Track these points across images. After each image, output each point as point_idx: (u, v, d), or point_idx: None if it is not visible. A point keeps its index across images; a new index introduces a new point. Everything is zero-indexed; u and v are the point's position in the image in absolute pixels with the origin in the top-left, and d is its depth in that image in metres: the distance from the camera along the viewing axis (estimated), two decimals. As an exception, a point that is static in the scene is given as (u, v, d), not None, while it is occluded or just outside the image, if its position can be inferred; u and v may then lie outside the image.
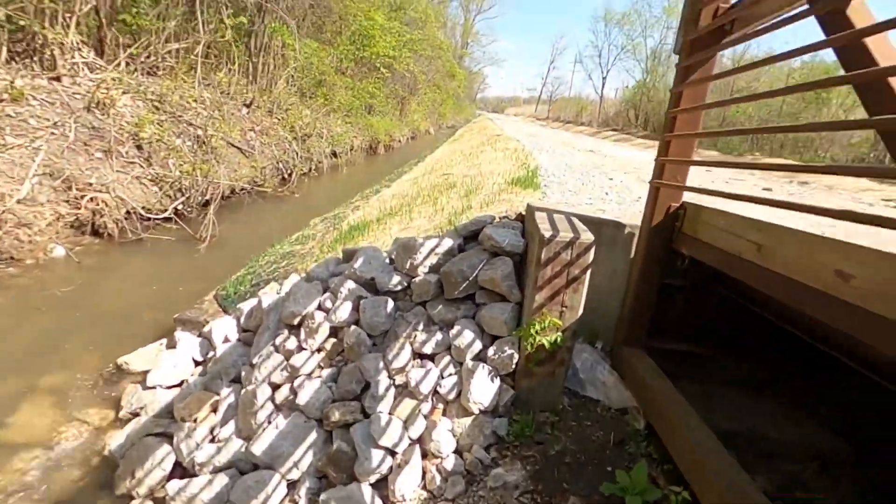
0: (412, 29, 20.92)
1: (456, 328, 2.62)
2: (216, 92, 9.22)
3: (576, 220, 2.69)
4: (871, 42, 1.38)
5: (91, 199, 5.59)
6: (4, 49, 6.40)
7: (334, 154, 12.97)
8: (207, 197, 7.18)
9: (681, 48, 2.39)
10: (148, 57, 8.57)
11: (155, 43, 8.64)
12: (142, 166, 6.54)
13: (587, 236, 2.36)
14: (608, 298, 2.97)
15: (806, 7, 1.51)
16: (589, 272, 2.37)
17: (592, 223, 2.83)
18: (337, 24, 15.85)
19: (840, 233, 2.08)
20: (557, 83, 64.24)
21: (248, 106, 10.41)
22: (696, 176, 5.55)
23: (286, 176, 10.07)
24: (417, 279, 2.85)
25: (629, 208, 3.66)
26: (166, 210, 6.35)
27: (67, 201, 5.45)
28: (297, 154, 10.80)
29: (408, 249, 2.92)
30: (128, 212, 5.91)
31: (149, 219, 6.13)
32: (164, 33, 8.74)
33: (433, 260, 2.90)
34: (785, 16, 1.65)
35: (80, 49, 7.23)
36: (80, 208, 5.49)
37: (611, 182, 5.15)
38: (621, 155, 10.35)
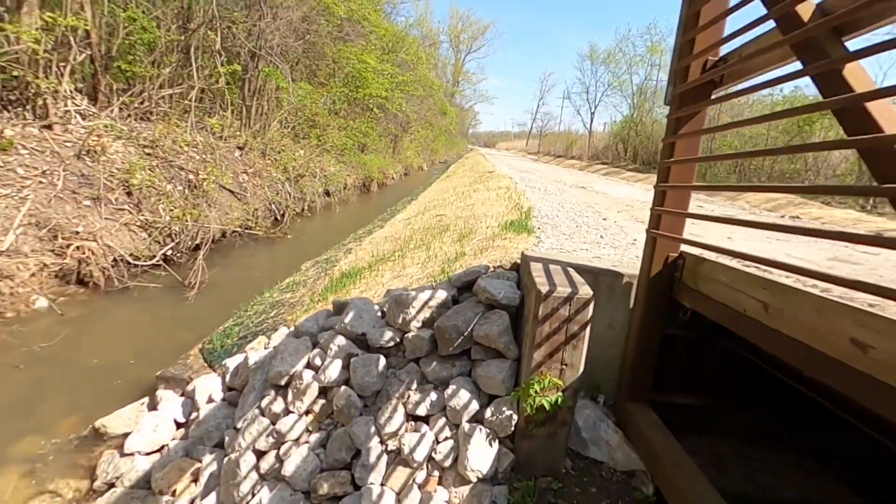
0: (404, 70, 21.42)
1: (451, 387, 2.50)
2: (209, 135, 9.25)
3: (572, 272, 2.62)
4: (848, 76, 1.35)
5: (77, 247, 5.48)
6: (-4, 99, 6.43)
7: (327, 193, 12.99)
8: (197, 241, 7.10)
9: (671, 100, 2.38)
10: (142, 102, 8.63)
11: (149, 89, 8.72)
12: (131, 212, 6.47)
13: (585, 291, 2.29)
14: (609, 349, 2.87)
15: (800, 67, 1.49)
16: (589, 328, 2.29)
17: (589, 272, 2.77)
18: (330, 67, 16.20)
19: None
20: (547, 118, 65.74)
21: (241, 149, 10.45)
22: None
23: (279, 217, 10.02)
24: (410, 335, 2.74)
25: (625, 253, 3.61)
26: (155, 256, 6.24)
27: (53, 251, 5.34)
28: (289, 195, 10.79)
29: (400, 303, 2.82)
30: (115, 259, 5.79)
31: (136, 266, 6.01)
32: (159, 79, 8.84)
33: (426, 314, 2.80)
34: (777, 75, 1.64)
35: (73, 97, 7.27)
36: (65, 257, 5.37)
37: (604, 222, 5.13)
38: (612, 191, 10.44)
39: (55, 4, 7.29)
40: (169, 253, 6.58)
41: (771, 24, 1.70)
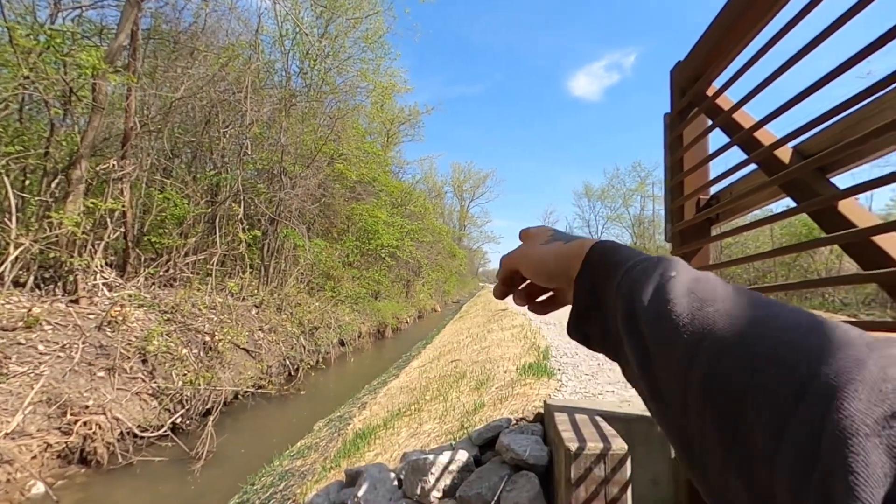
0: (413, 220, 22.90)
1: (481, 574, 2.15)
2: (228, 296, 9.58)
3: (601, 422, 2.41)
4: (845, 211, 1.35)
5: (84, 423, 5.30)
6: (31, 278, 6.83)
7: (342, 343, 12.95)
8: (208, 406, 6.88)
9: (671, 237, 2.43)
10: (167, 270, 9.13)
11: (175, 257, 9.30)
12: (144, 380, 6.39)
13: (619, 444, 2.08)
14: (656, 511, 2.52)
15: (794, 206, 1.53)
16: (630, 488, 2.03)
17: (620, 420, 2.55)
18: (344, 223, 17.41)
19: None
20: (553, 253, 67.83)
21: (258, 306, 10.73)
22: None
23: (292, 372, 9.85)
24: (431, 508, 2.45)
25: (654, 392, 3.39)
26: (163, 426, 5.99)
27: (59, 428, 5.16)
28: (304, 348, 10.75)
29: (417, 470, 2.58)
30: (121, 433, 5.56)
31: (143, 438, 5.75)
32: (185, 248, 9.47)
33: (447, 480, 2.54)
34: (771, 213, 1.67)
35: (102, 270, 7.71)
36: (71, 434, 5.17)
37: (627, 357, 4.92)
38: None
39: (98, 191, 8.17)
40: (178, 420, 6.33)
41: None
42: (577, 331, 0.48)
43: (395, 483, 2.78)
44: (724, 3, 1.71)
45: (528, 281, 0.59)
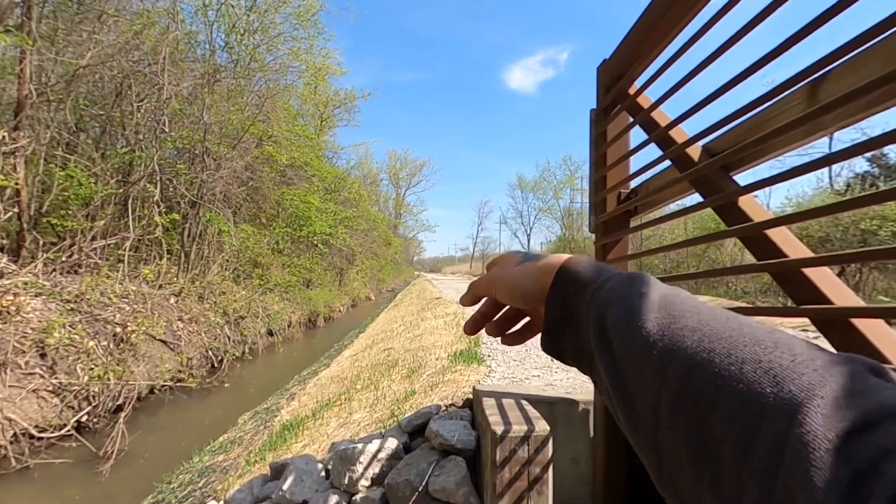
0: (347, 207, 22.40)
1: (408, 559, 2.17)
2: (142, 284, 8.88)
3: (526, 405, 2.50)
4: (744, 207, 1.49)
5: (-31, 425, 4.74)
6: None
7: (271, 333, 12.48)
8: (120, 402, 6.39)
9: (595, 228, 2.55)
10: (70, 256, 8.30)
11: (80, 241, 8.46)
12: (43, 376, 5.81)
13: (542, 426, 2.17)
14: (578, 487, 2.66)
15: (702, 199, 1.64)
16: (551, 467, 2.13)
17: (544, 403, 2.66)
18: (274, 209, 16.67)
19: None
20: (487, 242, 69.41)
21: (177, 295, 10.05)
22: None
23: (216, 364, 9.36)
24: (359, 497, 2.44)
25: (578, 376, 3.56)
26: (66, 425, 5.49)
27: (-63, 432, 4.58)
28: (229, 339, 10.25)
29: (346, 460, 2.54)
30: (15, 434, 5.03)
31: (42, 439, 5.23)
32: (92, 232, 8.64)
33: (376, 468, 2.53)
34: (684, 206, 1.79)
35: (-10, 255, 6.89)
36: (-49, 439, 4.61)
37: (553, 343, 5.14)
38: (557, 307, 10.68)
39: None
40: (84, 419, 5.83)
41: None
42: (551, 346, 0.48)
43: (323, 474, 2.73)
44: (647, 5, 1.79)
45: (502, 311, 0.59)
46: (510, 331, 0.60)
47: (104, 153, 9.50)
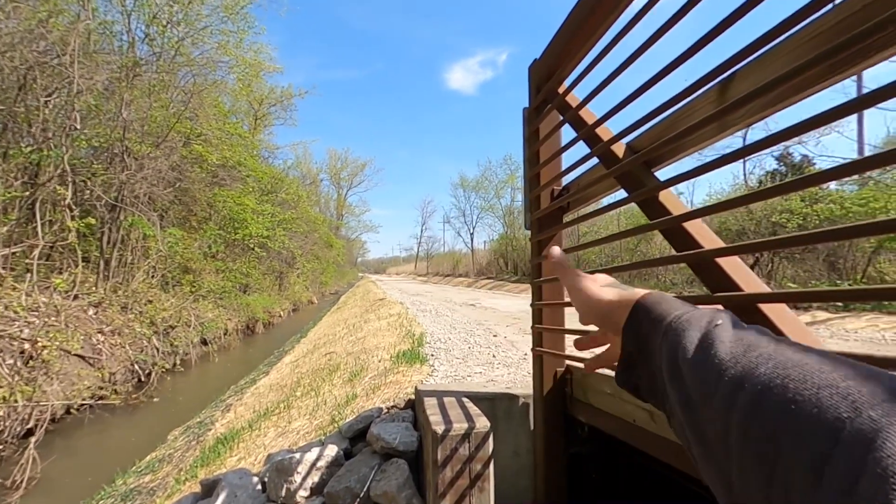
0: (285, 209, 21.64)
1: (350, 568, 2.11)
2: (54, 295, 8.12)
3: (468, 403, 2.51)
4: (664, 201, 1.57)
5: None
6: None
7: (205, 342, 11.82)
8: (30, 425, 5.81)
9: (531, 225, 2.59)
10: (-35, 267, 7.45)
11: (-23, 251, 7.61)
12: (-67, 403, 5.17)
13: (482, 423, 2.18)
14: (519, 480, 2.70)
15: (626, 195, 1.70)
16: (492, 463, 2.14)
17: (485, 399, 2.68)
18: (205, 211, 15.80)
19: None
20: (431, 241, 69.42)
21: (96, 306, 9.28)
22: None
23: (143, 378, 8.74)
24: (297, 509, 2.34)
25: (518, 370, 3.62)
26: (-38, 456, 4.92)
27: None
28: (157, 350, 9.60)
29: (282, 471, 2.44)
30: None
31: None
32: (-8, 240, 7.80)
33: (315, 478, 2.44)
34: (611, 201, 1.85)
35: None
36: None
37: (495, 339, 5.21)
38: (499, 305, 10.90)
39: None
40: (-15, 448, 5.25)
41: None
42: (626, 381, 0.49)
43: (259, 487, 2.61)
44: (574, 5, 1.83)
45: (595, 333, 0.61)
46: (594, 350, 0.63)
47: (6, 152, 8.59)
